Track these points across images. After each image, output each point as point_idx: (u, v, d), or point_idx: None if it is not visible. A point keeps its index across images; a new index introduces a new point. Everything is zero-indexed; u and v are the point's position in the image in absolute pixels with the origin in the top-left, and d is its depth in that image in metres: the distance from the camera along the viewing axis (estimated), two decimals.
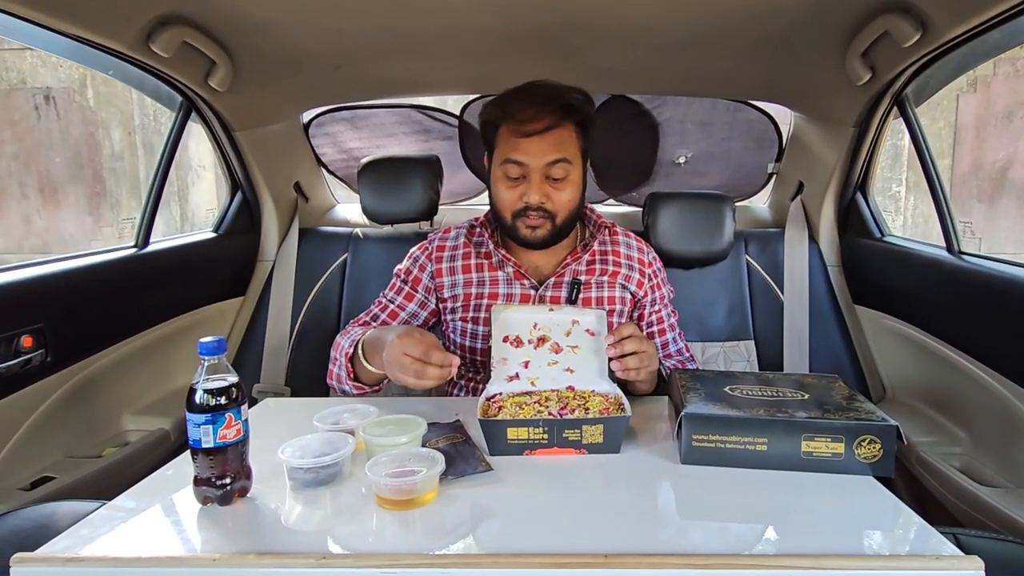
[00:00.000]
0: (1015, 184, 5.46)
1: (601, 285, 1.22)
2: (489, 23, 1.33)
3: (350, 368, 1.12)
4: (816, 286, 1.68)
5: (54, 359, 1.23)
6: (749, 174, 2.00)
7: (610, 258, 1.24)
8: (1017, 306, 1.11)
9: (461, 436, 0.93)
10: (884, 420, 0.82)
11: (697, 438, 0.85)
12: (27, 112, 6.06)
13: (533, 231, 1.15)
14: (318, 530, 0.73)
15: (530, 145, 1.10)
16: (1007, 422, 1.15)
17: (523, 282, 1.21)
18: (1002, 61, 5.30)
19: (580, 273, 1.21)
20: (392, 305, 1.28)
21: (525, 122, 1.09)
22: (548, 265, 1.23)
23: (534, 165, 1.10)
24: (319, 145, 2.02)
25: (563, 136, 1.11)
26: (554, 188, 1.12)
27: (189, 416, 0.75)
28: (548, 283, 1.20)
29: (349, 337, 1.17)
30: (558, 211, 1.14)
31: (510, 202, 1.14)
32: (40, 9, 1.02)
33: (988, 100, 5.43)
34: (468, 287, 1.22)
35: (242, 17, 1.26)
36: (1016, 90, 5.37)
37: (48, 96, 6.06)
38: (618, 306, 1.23)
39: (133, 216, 6.18)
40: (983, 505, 1.10)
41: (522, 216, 1.14)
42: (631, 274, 1.25)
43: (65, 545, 0.69)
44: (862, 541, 0.68)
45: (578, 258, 1.21)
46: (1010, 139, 5.42)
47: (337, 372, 1.16)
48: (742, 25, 1.29)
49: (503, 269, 1.21)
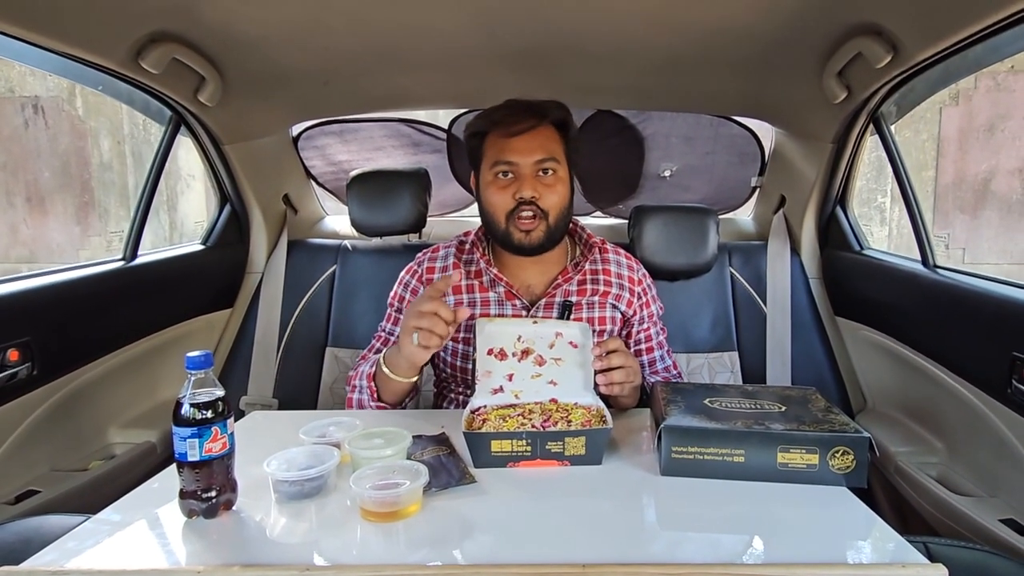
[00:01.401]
0: (997, 195, 5.55)
1: (592, 305, 1.23)
2: (475, 42, 1.35)
3: (373, 388, 1.13)
4: (798, 298, 1.70)
5: (40, 372, 1.24)
6: (733, 187, 2.04)
7: (601, 277, 1.25)
8: (988, 319, 1.15)
9: (446, 448, 0.95)
10: (857, 431, 0.84)
11: (676, 450, 0.87)
12: (15, 121, 6.03)
13: (527, 235, 1.15)
14: (303, 542, 0.74)
15: (519, 143, 1.14)
16: (980, 432, 1.17)
17: (514, 302, 1.21)
18: (983, 75, 5.40)
19: (571, 294, 1.22)
20: (392, 337, 1.28)
21: (510, 125, 1.14)
22: (539, 283, 1.23)
23: (524, 163, 1.14)
24: (309, 158, 2.04)
25: (547, 135, 1.16)
26: (545, 186, 1.15)
27: (175, 429, 0.76)
28: (539, 304, 1.21)
29: (366, 363, 1.20)
30: (550, 209, 1.15)
31: (503, 203, 1.15)
32: (31, 28, 1.03)
33: (970, 113, 5.53)
34: (459, 307, 1.22)
35: (231, 34, 1.28)
36: (997, 103, 5.46)
37: (36, 105, 6.02)
38: (608, 326, 1.24)
39: (122, 228, 6.14)
40: (957, 514, 1.13)
41: (515, 218, 1.15)
42: (621, 293, 1.26)
43: (51, 558, 0.69)
44: (834, 550, 0.70)
45: (569, 278, 1.22)
46: (992, 151, 5.51)
47: (358, 397, 1.16)
48: (722, 45, 1.33)
49: (494, 289, 1.22)
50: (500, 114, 1.16)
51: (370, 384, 1.13)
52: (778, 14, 1.18)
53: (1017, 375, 1.06)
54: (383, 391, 1.13)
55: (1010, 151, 5.46)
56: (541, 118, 1.16)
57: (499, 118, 1.16)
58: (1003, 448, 1.12)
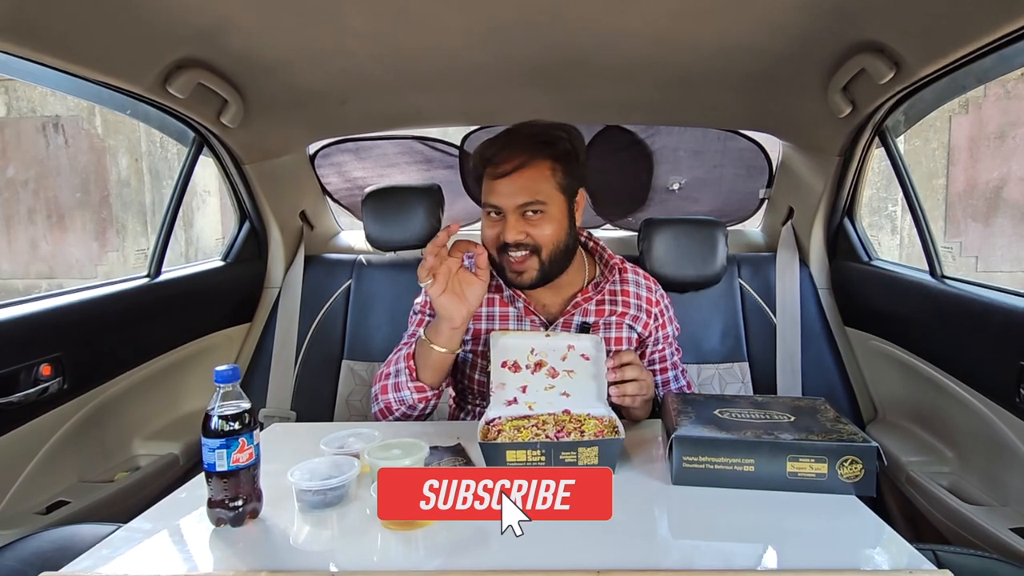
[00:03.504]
0: (1009, 203, 5.52)
1: (609, 326, 1.24)
2: (487, 60, 1.39)
3: (412, 367, 1.14)
4: (807, 308, 1.72)
5: (71, 386, 1.28)
6: (741, 199, 2.06)
7: (619, 298, 1.25)
8: (995, 328, 1.16)
9: (462, 459, 0.97)
10: (866, 441, 0.86)
11: (687, 459, 0.89)
12: (36, 140, 6.18)
13: (519, 276, 1.16)
14: (326, 549, 0.77)
15: (501, 186, 1.13)
16: (990, 441, 1.18)
17: (532, 319, 1.22)
18: (993, 83, 5.39)
19: (589, 313, 1.23)
20: None
21: (497, 165, 1.12)
22: (555, 303, 1.24)
23: (507, 206, 1.13)
24: (325, 175, 2.09)
25: (534, 176, 1.12)
26: (531, 225, 1.13)
27: (204, 441, 0.79)
28: (557, 324, 1.22)
29: (398, 352, 1.22)
30: (541, 244, 1.14)
31: (492, 239, 1.16)
32: (66, 58, 1.09)
33: (980, 121, 5.51)
34: (478, 321, 1.24)
35: (254, 59, 1.33)
36: (1007, 111, 5.45)
37: (57, 124, 6.18)
38: (624, 346, 1.24)
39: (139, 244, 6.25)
40: (968, 523, 1.14)
41: (505, 255, 1.15)
42: (639, 315, 1.26)
43: (87, 564, 0.73)
44: (843, 557, 0.72)
45: (589, 298, 1.23)
46: (1003, 159, 5.49)
47: (395, 381, 1.17)
48: (728, 62, 1.36)
49: (514, 304, 1.23)
50: (493, 150, 1.14)
51: (408, 364, 1.15)
52: (783, 32, 1.21)
53: None
54: (422, 367, 1.14)
55: (1021, 159, 5.43)
56: (532, 155, 1.12)
57: (491, 155, 1.14)
58: (1013, 457, 1.13)
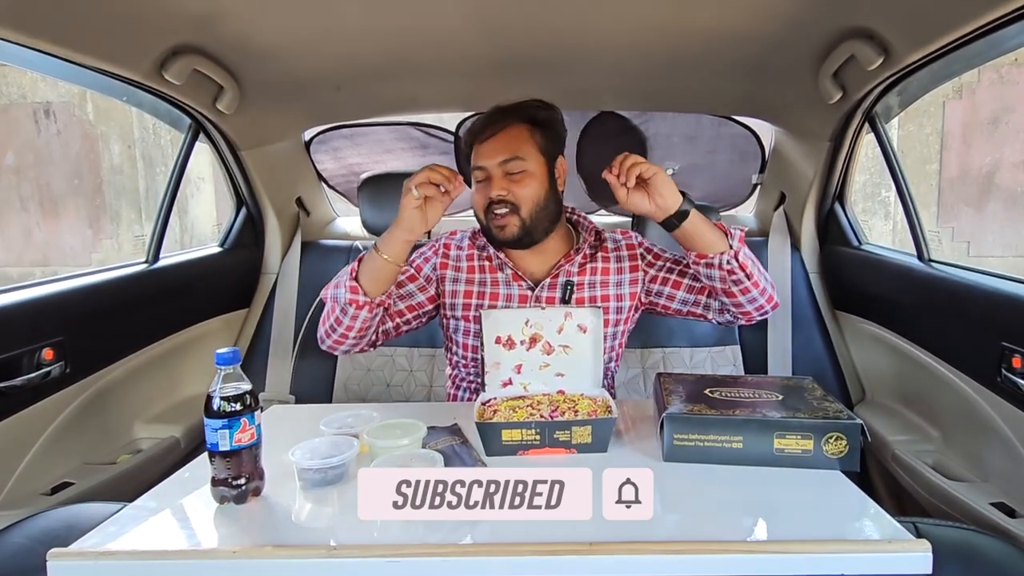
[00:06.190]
0: (1002, 188, 5.54)
1: (594, 285, 1.29)
2: (481, 48, 1.40)
3: (354, 268, 1.17)
4: (798, 292, 1.74)
5: (73, 370, 1.30)
6: (734, 185, 2.08)
7: (599, 255, 1.31)
8: (979, 310, 1.19)
9: (459, 438, 1.00)
10: (850, 418, 0.89)
11: (678, 437, 0.92)
12: (28, 127, 6.12)
13: (501, 230, 1.22)
14: (327, 526, 0.80)
15: (485, 148, 1.21)
16: (973, 420, 1.21)
17: (520, 283, 1.28)
18: (987, 68, 5.39)
19: (572, 274, 1.28)
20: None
21: (480, 132, 1.22)
22: (541, 271, 1.29)
23: (490, 165, 1.21)
24: (320, 161, 2.09)
25: (513, 135, 1.21)
26: (513, 182, 1.20)
27: (207, 421, 0.81)
28: (543, 284, 1.27)
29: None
30: (521, 202, 1.20)
31: (480, 203, 1.23)
32: (63, 45, 1.09)
33: (974, 106, 5.52)
34: (470, 284, 1.29)
35: (249, 45, 1.33)
36: (1001, 96, 5.46)
37: (48, 110, 6.12)
38: (612, 303, 1.28)
39: (134, 230, 6.22)
40: (950, 498, 1.17)
41: (490, 214, 1.22)
42: (622, 266, 1.30)
43: (95, 541, 0.75)
44: (827, 529, 0.75)
45: (571, 259, 1.28)
46: (996, 144, 5.51)
47: (336, 281, 1.19)
48: (720, 48, 1.37)
49: (502, 271, 1.29)
50: (478, 123, 1.24)
51: (352, 266, 1.17)
52: (773, 18, 1.22)
53: (1006, 364, 1.10)
54: (364, 270, 1.16)
55: (1014, 144, 5.45)
56: (512, 120, 1.22)
57: (475, 127, 1.24)
58: (994, 435, 1.16)
